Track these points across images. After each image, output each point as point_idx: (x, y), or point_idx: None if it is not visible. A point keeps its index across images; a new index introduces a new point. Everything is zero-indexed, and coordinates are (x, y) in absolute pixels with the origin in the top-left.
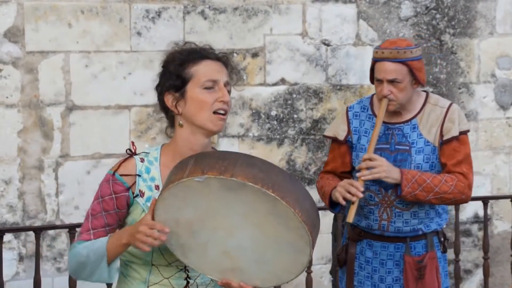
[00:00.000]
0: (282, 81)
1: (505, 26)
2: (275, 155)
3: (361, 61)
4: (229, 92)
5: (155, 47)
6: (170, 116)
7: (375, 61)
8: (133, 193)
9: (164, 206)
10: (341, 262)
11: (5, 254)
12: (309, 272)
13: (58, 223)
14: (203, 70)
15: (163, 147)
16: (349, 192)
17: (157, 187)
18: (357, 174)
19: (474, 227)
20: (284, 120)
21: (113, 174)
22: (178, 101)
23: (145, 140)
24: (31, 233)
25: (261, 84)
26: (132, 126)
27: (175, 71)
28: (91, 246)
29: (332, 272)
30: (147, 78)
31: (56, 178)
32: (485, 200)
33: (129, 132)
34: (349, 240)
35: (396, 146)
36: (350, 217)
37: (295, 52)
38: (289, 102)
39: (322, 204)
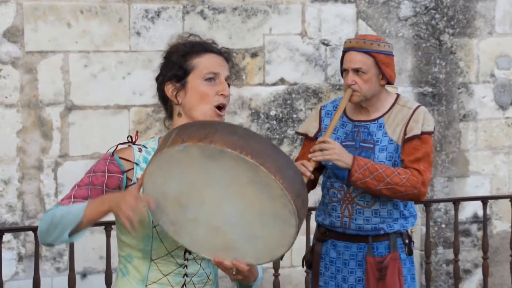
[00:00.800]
0: (282, 81)
1: (504, 26)
2: None
3: None
4: (229, 86)
5: (154, 47)
6: (169, 106)
7: (344, 52)
8: (129, 179)
9: (150, 181)
10: (308, 263)
11: (5, 254)
12: (308, 272)
13: None
14: (205, 63)
15: (160, 139)
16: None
17: None
18: (309, 155)
19: (473, 227)
20: (283, 120)
21: (112, 154)
22: (178, 91)
23: (145, 140)
24: (31, 233)
25: (260, 84)
26: (132, 126)
27: (178, 62)
28: (69, 207)
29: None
30: (146, 78)
31: (56, 178)
32: (484, 200)
33: (128, 132)
34: (316, 240)
35: (361, 144)
36: None
37: (295, 52)
38: (289, 102)
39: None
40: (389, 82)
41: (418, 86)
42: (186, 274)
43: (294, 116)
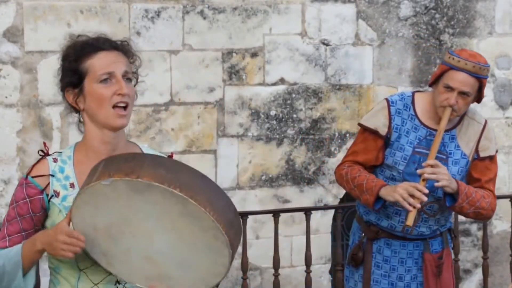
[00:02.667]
0: (281, 81)
1: (504, 26)
2: (274, 155)
3: (360, 61)
4: (130, 80)
5: (154, 47)
6: (78, 112)
7: (451, 68)
8: (47, 194)
9: (79, 214)
10: (357, 261)
11: None
12: (308, 272)
13: None
14: (98, 63)
15: (76, 145)
16: (412, 196)
17: (72, 185)
18: (425, 176)
19: (473, 227)
20: (283, 120)
21: (26, 177)
22: (78, 97)
23: (144, 140)
24: None
25: (260, 84)
26: (132, 126)
27: (70, 67)
28: (7, 254)
29: (332, 271)
30: (146, 78)
31: None
32: None
33: (128, 131)
34: (366, 239)
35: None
36: (410, 220)
37: (294, 52)
38: (288, 102)
39: (321, 204)
40: (479, 101)
41: (418, 86)
42: (118, 282)
43: (294, 116)
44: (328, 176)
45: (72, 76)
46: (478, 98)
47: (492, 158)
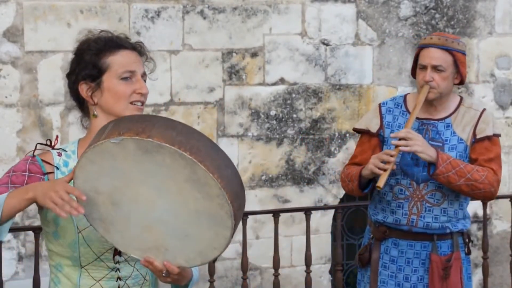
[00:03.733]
0: (281, 80)
1: (504, 26)
2: (274, 154)
3: (360, 61)
4: (145, 81)
5: (154, 47)
6: (85, 106)
7: (421, 47)
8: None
9: (82, 174)
10: (364, 262)
11: (5, 254)
12: (308, 272)
13: None
14: (120, 60)
15: (80, 141)
16: (382, 161)
17: None
18: (392, 142)
19: (474, 227)
20: (283, 119)
21: (33, 156)
22: (94, 91)
23: None
24: (30, 232)
25: (260, 84)
26: None
27: (91, 61)
28: None
29: (332, 271)
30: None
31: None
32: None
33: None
34: (374, 239)
35: (430, 142)
36: (381, 182)
37: (294, 51)
38: (288, 101)
39: (321, 204)
40: (461, 82)
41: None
42: (119, 278)
43: (294, 116)
44: (328, 176)
45: (92, 69)
46: (460, 78)
47: (490, 139)
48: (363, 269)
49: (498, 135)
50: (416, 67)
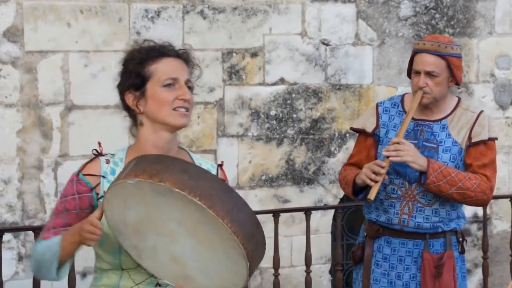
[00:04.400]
0: (281, 80)
1: (504, 26)
2: (274, 154)
3: (360, 61)
4: (190, 89)
5: None
6: (133, 115)
7: (415, 52)
8: (97, 194)
9: (110, 208)
10: (357, 259)
11: (5, 254)
12: (308, 272)
13: None
14: (163, 68)
15: (129, 148)
16: (374, 172)
17: None
18: (383, 152)
19: (473, 227)
20: (283, 119)
21: (77, 174)
22: (138, 100)
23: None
24: (31, 232)
25: (260, 84)
26: None
27: (135, 70)
28: (48, 244)
29: (332, 271)
30: None
31: (55, 178)
32: None
33: (128, 131)
34: (367, 237)
35: (424, 143)
36: (372, 194)
37: (294, 51)
38: (288, 101)
39: (321, 204)
40: (457, 83)
41: None
42: (158, 284)
43: (294, 116)
44: (328, 176)
45: (136, 78)
46: (456, 80)
47: (486, 143)
48: (357, 267)
49: (494, 139)
50: (411, 69)
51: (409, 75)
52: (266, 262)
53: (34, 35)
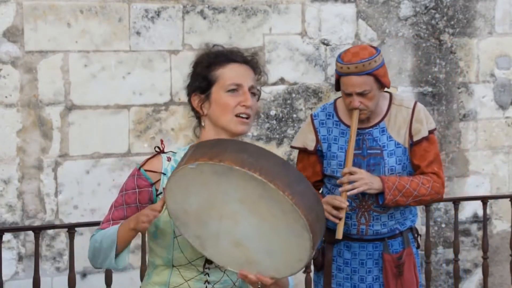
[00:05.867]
0: (281, 80)
1: (504, 26)
2: None
3: None
4: (256, 95)
5: (154, 47)
6: (198, 117)
7: (340, 75)
8: (157, 190)
9: (171, 197)
10: (318, 266)
11: (5, 254)
12: (308, 272)
13: (57, 222)
14: (229, 74)
15: (191, 147)
16: (335, 207)
17: None
18: (340, 189)
19: (473, 227)
20: (283, 119)
21: (139, 169)
22: (203, 102)
23: (144, 139)
24: (30, 232)
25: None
26: (131, 126)
27: (202, 73)
28: (105, 233)
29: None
30: (146, 77)
31: (55, 178)
32: (484, 199)
33: (128, 131)
34: (326, 243)
35: (368, 151)
36: (339, 233)
37: (294, 51)
38: (288, 101)
39: None
40: (387, 87)
41: (418, 86)
42: (207, 281)
43: (294, 116)
44: None
45: (202, 81)
46: (383, 85)
47: (428, 138)
48: (319, 272)
49: (433, 130)
50: (338, 85)
51: (337, 87)
52: None
53: (34, 35)
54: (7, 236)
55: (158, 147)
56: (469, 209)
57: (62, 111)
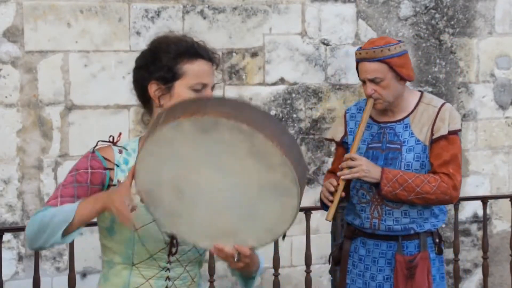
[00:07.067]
0: (281, 80)
1: (504, 26)
2: None
3: None
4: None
5: None
6: (150, 104)
7: (357, 62)
8: (111, 179)
9: (143, 168)
10: (336, 260)
11: (5, 254)
12: (308, 271)
13: None
14: (196, 71)
15: (141, 138)
16: (329, 191)
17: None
18: (338, 173)
19: (473, 227)
20: (283, 119)
21: (93, 152)
22: (163, 94)
23: None
24: None
25: (260, 84)
26: (131, 126)
27: (167, 64)
28: (59, 208)
29: (332, 271)
30: None
31: (55, 178)
32: (484, 199)
33: (128, 131)
34: (345, 238)
35: (387, 145)
36: (329, 215)
37: (294, 51)
38: (288, 101)
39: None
40: (409, 80)
41: (418, 86)
42: (168, 278)
43: (294, 116)
44: None
45: (167, 72)
46: (401, 77)
47: (447, 138)
48: (336, 267)
49: (456, 131)
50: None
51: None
52: (266, 262)
53: (34, 35)
54: (7, 236)
55: (113, 137)
56: (469, 209)
57: (62, 111)
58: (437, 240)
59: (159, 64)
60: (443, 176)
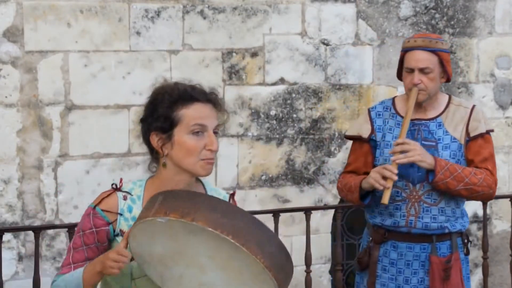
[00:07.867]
0: (281, 80)
1: (504, 26)
2: (274, 154)
3: (360, 61)
4: (216, 134)
5: (154, 47)
6: (155, 153)
7: (405, 51)
8: (114, 229)
9: (135, 241)
10: (363, 265)
11: (5, 254)
12: (308, 271)
13: (57, 222)
14: (192, 114)
15: (147, 183)
16: (383, 177)
17: None
18: (391, 158)
19: (473, 227)
20: (283, 119)
21: (94, 207)
22: (164, 143)
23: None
24: (30, 232)
25: (260, 84)
26: (131, 126)
27: (164, 113)
28: (69, 277)
29: (332, 271)
30: (146, 77)
31: (55, 178)
32: None
33: (128, 131)
34: (373, 242)
35: (423, 142)
36: (385, 199)
37: (294, 51)
38: (288, 101)
39: (321, 204)
40: (448, 80)
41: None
42: None
43: (294, 115)
44: (328, 176)
45: (164, 122)
46: (447, 76)
47: (483, 136)
48: (362, 272)
49: (491, 131)
50: (401, 70)
51: (399, 76)
52: None
53: (34, 35)
54: (7, 236)
55: (116, 184)
56: (469, 209)
57: (62, 111)
58: (466, 241)
59: (156, 115)
60: (485, 171)
